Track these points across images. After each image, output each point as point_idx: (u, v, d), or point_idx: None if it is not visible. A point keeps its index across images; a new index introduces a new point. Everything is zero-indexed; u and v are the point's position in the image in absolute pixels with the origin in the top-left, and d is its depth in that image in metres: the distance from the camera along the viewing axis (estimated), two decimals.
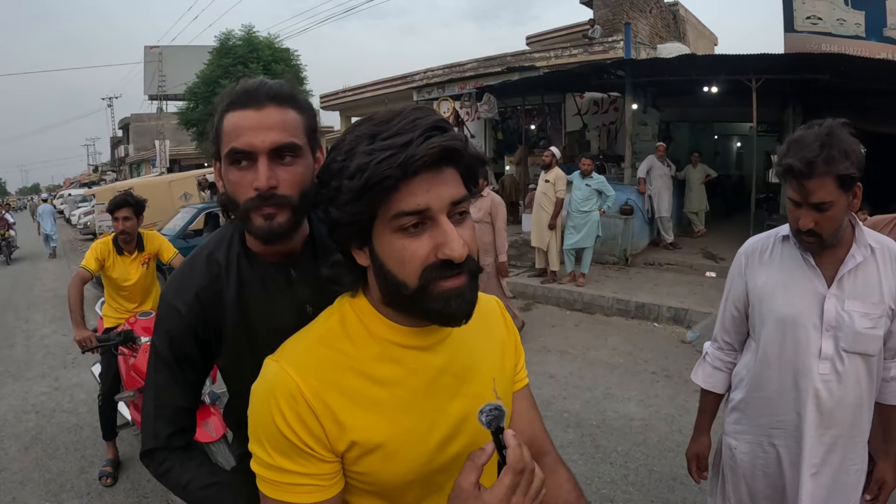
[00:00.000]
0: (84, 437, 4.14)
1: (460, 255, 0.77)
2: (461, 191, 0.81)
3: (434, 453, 0.89)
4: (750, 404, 1.76)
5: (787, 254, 1.66)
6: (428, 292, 0.79)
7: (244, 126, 1.03)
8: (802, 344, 1.59)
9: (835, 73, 7.72)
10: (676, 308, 6.46)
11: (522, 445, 0.75)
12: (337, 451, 0.84)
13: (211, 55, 17.10)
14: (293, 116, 1.07)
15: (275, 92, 1.05)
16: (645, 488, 3.21)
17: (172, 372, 1.16)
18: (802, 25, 9.88)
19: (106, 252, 3.52)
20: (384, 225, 0.79)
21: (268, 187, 1.02)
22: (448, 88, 13.59)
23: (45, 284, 10.94)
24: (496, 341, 1.04)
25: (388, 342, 0.88)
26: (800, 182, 1.46)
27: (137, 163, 34.22)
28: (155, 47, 33.10)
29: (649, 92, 11.32)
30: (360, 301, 0.90)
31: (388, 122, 0.78)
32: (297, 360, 0.85)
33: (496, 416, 0.75)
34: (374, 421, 0.85)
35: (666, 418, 4.06)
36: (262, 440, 0.84)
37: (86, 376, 5.05)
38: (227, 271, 1.16)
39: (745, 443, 1.77)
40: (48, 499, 3.37)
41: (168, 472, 1.15)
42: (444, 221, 0.78)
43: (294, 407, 0.81)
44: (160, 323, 1.17)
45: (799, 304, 1.60)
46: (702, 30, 17.68)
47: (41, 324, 7.80)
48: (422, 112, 0.79)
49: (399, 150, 0.74)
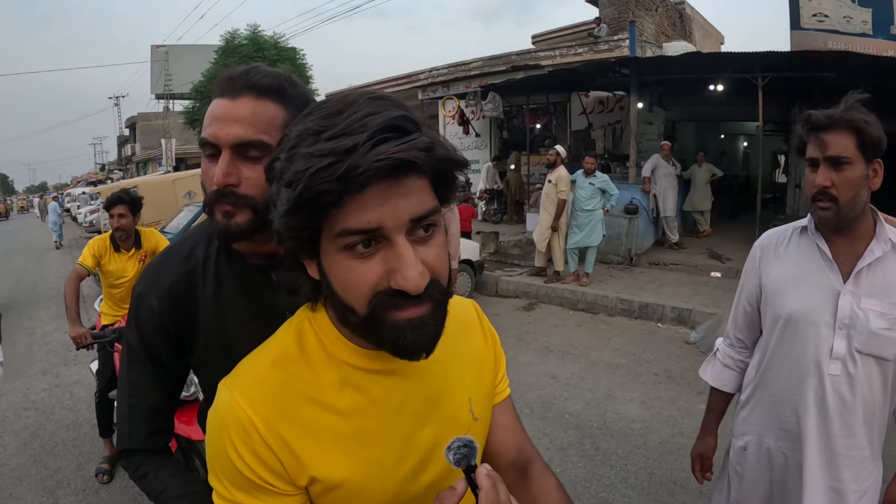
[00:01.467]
0: (82, 435, 4.13)
1: (416, 288, 0.65)
2: (427, 203, 0.67)
3: (404, 484, 0.81)
4: (757, 404, 1.68)
5: (804, 246, 1.57)
6: (378, 321, 0.68)
7: (214, 115, 0.98)
8: (813, 341, 1.50)
9: (842, 72, 7.64)
10: (681, 308, 6.41)
11: (498, 484, 0.67)
12: (299, 486, 0.76)
13: (217, 54, 17.20)
14: (270, 111, 0.98)
15: (254, 82, 0.97)
16: (645, 492, 3.16)
17: (146, 369, 1.11)
18: (809, 23, 9.81)
19: (103, 249, 3.51)
20: (329, 241, 0.67)
21: (224, 184, 0.96)
22: (453, 87, 13.57)
23: (48, 282, 10.96)
24: (473, 357, 0.93)
25: (348, 366, 0.77)
26: (818, 135, 1.43)
27: (144, 161, 34.38)
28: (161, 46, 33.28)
29: (655, 91, 11.27)
30: (321, 316, 0.80)
31: (336, 116, 0.64)
32: (248, 389, 0.76)
33: (465, 455, 0.69)
34: (334, 457, 0.76)
35: (667, 420, 4.01)
36: (219, 475, 0.76)
37: (86, 373, 5.05)
38: (204, 267, 1.11)
39: (752, 444, 1.69)
40: (44, 495, 3.36)
41: (144, 478, 1.12)
42: (400, 244, 0.65)
43: (248, 441, 0.73)
44: (132, 317, 1.12)
45: (812, 298, 1.51)
46: (708, 28, 17.60)
47: (44, 321, 7.81)
48: (377, 104, 0.64)
49: (340, 157, 0.60)
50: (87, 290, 8.31)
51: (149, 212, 10.81)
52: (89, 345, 3.19)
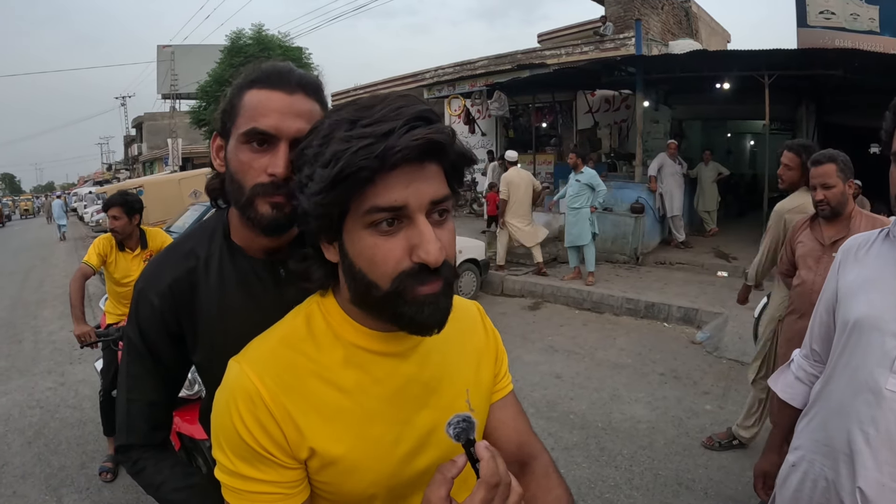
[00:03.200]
0: (87, 433, 4.14)
1: (436, 261, 0.72)
2: (444, 189, 0.75)
3: (400, 466, 0.84)
4: (813, 417, 1.49)
5: (886, 250, 1.39)
6: (400, 296, 0.74)
7: (271, 107, 0.99)
8: (875, 351, 1.30)
9: (849, 69, 7.59)
10: (687, 308, 6.37)
11: (497, 458, 0.69)
12: (299, 458, 0.79)
13: (222, 54, 17.24)
14: (317, 109, 1.04)
15: (307, 80, 1.03)
16: (650, 493, 3.14)
17: (145, 364, 1.12)
18: (815, 20, 9.74)
19: (108, 248, 3.52)
20: (356, 220, 0.73)
21: (286, 175, 0.97)
22: (458, 86, 13.57)
23: (54, 281, 11.01)
24: (472, 350, 0.98)
25: (354, 346, 0.82)
26: None
27: (151, 161, 34.53)
28: (167, 46, 33.41)
29: (661, 89, 11.23)
30: (329, 301, 0.85)
31: (370, 108, 0.72)
32: (257, 362, 0.81)
33: (464, 429, 0.71)
34: (335, 432, 0.80)
35: (673, 421, 3.98)
36: (223, 446, 0.79)
37: (91, 372, 5.07)
38: (206, 265, 1.12)
39: (801, 461, 1.49)
40: (48, 493, 3.37)
41: (142, 472, 1.12)
42: (421, 221, 0.73)
43: (253, 411, 0.77)
44: (133, 313, 1.13)
45: (881, 304, 1.32)
46: (714, 26, 17.52)
47: (49, 320, 7.84)
48: (407, 100, 0.73)
49: (379, 139, 0.68)
50: (92, 288, 8.34)
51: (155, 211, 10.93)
52: (94, 343, 3.20)
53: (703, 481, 3.19)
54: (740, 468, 3.27)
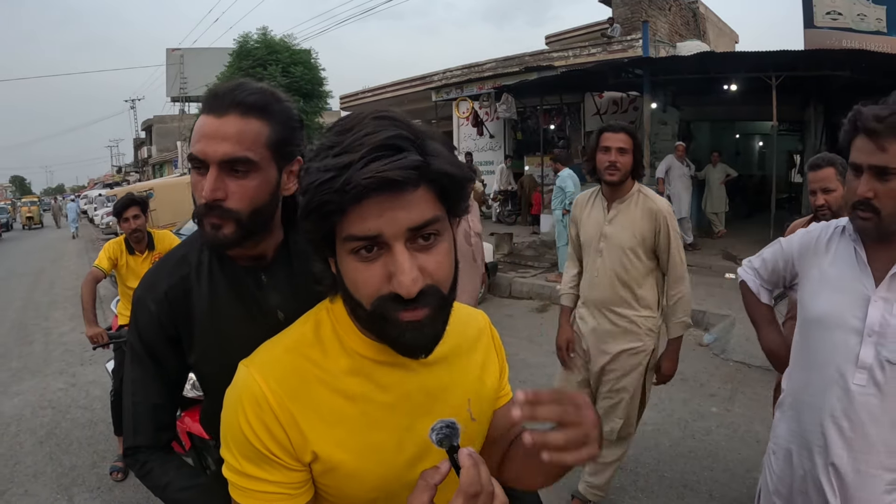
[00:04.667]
0: (98, 433, 4.19)
1: (408, 293, 0.71)
2: (427, 213, 0.72)
3: (401, 472, 0.85)
4: (789, 408, 1.61)
5: (843, 248, 1.50)
6: (383, 318, 0.74)
7: (202, 132, 1.02)
8: (839, 348, 1.42)
9: (856, 70, 7.55)
10: (694, 310, 6.28)
11: (480, 465, 0.68)
12: (303, 461, 0.81)
13: (231, 57, 17.32)
14: (256, 128, 1.02)
15: (240, 99, 1.02)
16: (654, 495, 3.14)
17: (146, 368, 1.17)
18: (822, 21, 9.70)
19: (118, 252, 3.57)
20: (340, 243, 0.75)
21: (212, 199, 1.01)
22: (466, 88, 13.59)
23: (65, 283, 11.11)
24: (477, 361, 0.98)
25: (359, 356, 0.84)
26: (865, 138, 1.32)
27: (160, 164, 34.76)
28: (176, 50, 33.62)
29: (669, 91, 11.19)
30: (338, 308, 0.86)
31: (345, 133, 0.71)
32: (265, 367, 0.83)
33: (447, 434, 0.71)
34: (338, 437, 0.82)
35: (679, 423, 3.98)
36: (230, 446, 0.82)
37: (102, 373, 5.11)
38: (197, 272, 1.16)
39: (781, 448, 1.61)
40: (59, 492, 3.41)
41: (149, 474, 1.16)
42: (397, 250, 0.71)
43: (259, 414, 0.79)
44: (133, 319, 1.18)
45: (840, 303, 1.44)
46: (722, 27, 17.46)
47: (60, 321, 7.93)
48: (378, 124, 0.70)
49: (340, 172, 0.68)
50: (103, 290, 8.41)
51: (165, 214, 11.01)
52: (105, 344, 3.25)
53: (707, 483, 3.19)
54: (745, 470, 3.27)
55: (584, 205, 2.75)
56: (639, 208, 2.55)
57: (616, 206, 2.60)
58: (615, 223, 2.58)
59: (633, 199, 2.58)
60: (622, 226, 2.56)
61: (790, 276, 1.73)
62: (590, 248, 2.68)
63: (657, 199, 2.57)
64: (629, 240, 2.53)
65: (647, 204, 2.54)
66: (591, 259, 2.67)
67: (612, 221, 2.59)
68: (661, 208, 2.53)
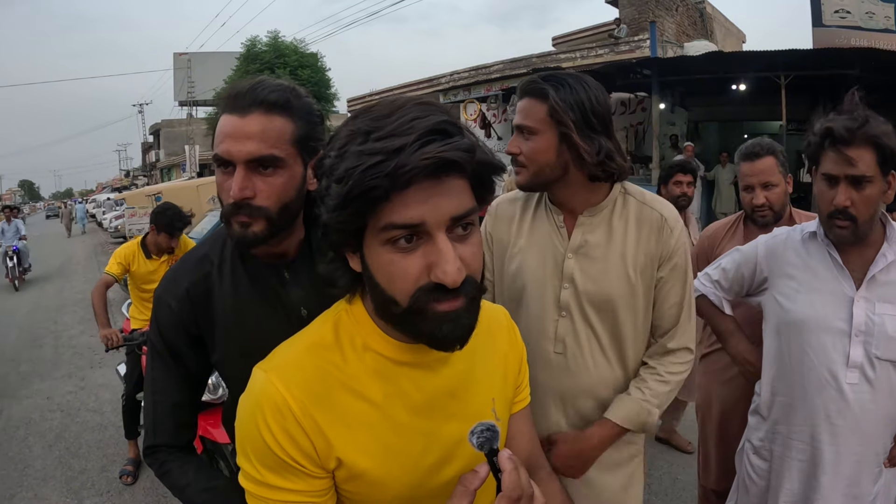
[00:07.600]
0: (107, 437, 4.18)
1: (454, 282, 0.68)
2: (466, 203, 0.71)
3: (425, 477, 0.82)
4: (771, 409, 1.63)
5: (815, 251, 1.54)
6: (419, 313, 0.71)
7: (225, 132, 1.02)
8: (829, 350, 1.46)
9: (865, 68, 7.50)
10: None
11: (520, 469, 0.67)
12: (327, 468, 0.78)
13: (238, 61, 17.42)
14: (279, 125, 1.02)
15: (262, 98, 1.01)
16: (668, 497, 3.11)
17: (168, 367, 1.16)
18: (831, 20, 9.66)
19: (131, 256, 3.56)
20: (374, 235, 0.70)
21: (241, 198, 1.01)
22: (474, 91, 13.59)
23: (74, 287, 11.16)
24: (499, 358, 0.95)
25: (382, 357, 0.80)
26: (838, 150, 1.37)
27: (168, 167, 34.89)
28: (184, 54, 33.84)
29: (677, 91, 11.17)
30: (357, 308, 0.82)
31: (385, 118, 0.68)
32: (284, 372, 0.78)
33: (489, 438, 0.69)
34: (362, 443, 0.78)
35: (691, 425, 3.92)
36: (249, 455, 0.78)
37: (111, 376, 5.11)
38: (219, 270, 1.16)
39: (762, 450, 1.65)
40: (69, 496, 3.40)
41: (168, 473, 1.15)
42: (440, 239, 0.69)
43: (281, 422, 0.75)
44: (154, 319, 1.17)
45: (824, 306, 1.48)
46: (729, 27, 17.41)
47: (69, 325, 7.94)
48: (424, 109, 0.69)
49: (389, 156, 0.64)
50: (112, 294, 8.42)
51: None
52: (119, 346, 3.24)
53: None
54: None
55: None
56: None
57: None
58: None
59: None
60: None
61: (757, 283, 1.70)
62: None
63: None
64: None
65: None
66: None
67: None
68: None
